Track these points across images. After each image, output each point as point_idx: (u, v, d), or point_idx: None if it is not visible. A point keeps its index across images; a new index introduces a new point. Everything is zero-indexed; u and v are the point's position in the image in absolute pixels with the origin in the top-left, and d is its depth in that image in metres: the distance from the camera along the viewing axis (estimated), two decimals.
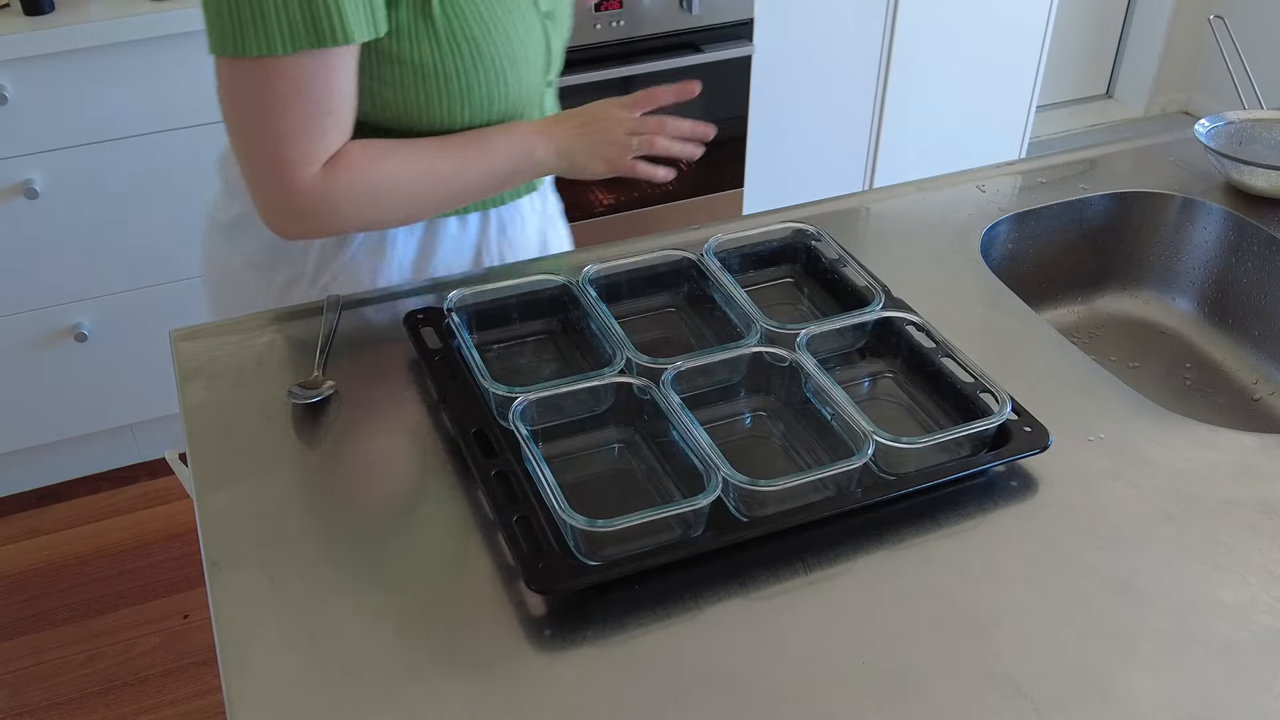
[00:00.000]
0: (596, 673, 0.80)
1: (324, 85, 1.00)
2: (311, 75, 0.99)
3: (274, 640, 0.82)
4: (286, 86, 0.99)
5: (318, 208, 1.05)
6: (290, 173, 1.02)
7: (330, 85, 1.01)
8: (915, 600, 0.86)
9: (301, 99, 1.00)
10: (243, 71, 0.99)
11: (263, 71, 0.98)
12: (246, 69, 0.98)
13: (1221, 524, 0.93)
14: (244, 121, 1.02)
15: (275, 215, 1.06)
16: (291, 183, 1.03)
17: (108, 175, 2.01)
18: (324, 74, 1.00)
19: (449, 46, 1.06)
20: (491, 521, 0.91)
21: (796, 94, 2.56)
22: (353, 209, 1.07)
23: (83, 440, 2.30)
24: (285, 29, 0.96)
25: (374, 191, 1.07)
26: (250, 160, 1.04)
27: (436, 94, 1.08)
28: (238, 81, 1.00)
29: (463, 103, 1.09)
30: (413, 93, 1.07)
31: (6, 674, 1.97)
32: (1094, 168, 1.42)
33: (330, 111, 1.02)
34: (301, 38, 0.96)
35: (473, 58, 1.07)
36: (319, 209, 1.05)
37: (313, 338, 1.11)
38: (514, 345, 1.13)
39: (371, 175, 1.06)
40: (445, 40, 1.05)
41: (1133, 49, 3.73)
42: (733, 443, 1.01)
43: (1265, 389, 1.29)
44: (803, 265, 1.22)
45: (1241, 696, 0.79)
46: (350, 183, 1.05)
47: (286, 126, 1.00)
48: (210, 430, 1.01)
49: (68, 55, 1.88)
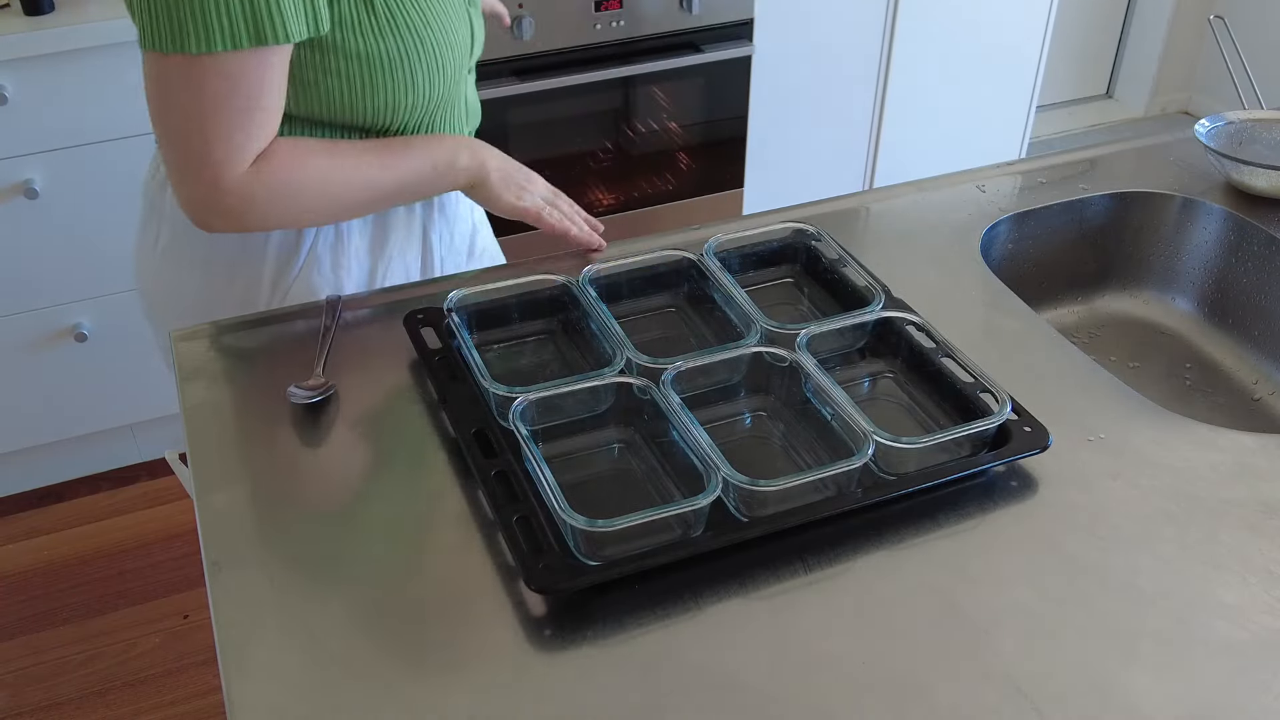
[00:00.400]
0: (596, 673, 0.80)
1: (258, 83, 1.00)
2: (247, 73, 0.99)
3: (274, 640, 0.82)
4: (221, 84, 0.99)
5: (242, 205, 1.05)
6: (217, 170, 1.02)
7: (264, 83, 1.00)
8: (915, 600, 0.86)
9: (234, 96, 0.99)
10: (177, 68, 0.98)
11: (199, 69, 0.98)
12: (181, 65, 0.98)
13: (1221, 524, 0.93)
14: (174, 118, 1.01)
15: (199, 210, 1.06)
16: (218, 180, 1.02)
17: (108, 175, 2.01)
18: (259, 72, 1.00)
19: (391, 35, 1.07)
20: (491, 521, 0.91)
21: (796, 94, 2.56)
22: (276, 207, 1.07)
23: (83, 440, 2.30)
24: (226, 26, 0.96)
25: (299, 191, 1.07)
26: (177, 156, 1.03)
27: (381, 83, 1.08)
28: (171, 78, 0.99)
29: (405, 90, 1.10)
30: (357, 82, 1.08)
31: (6, 674, 1.97)
32: (1094, 168, 1.42)
33: (261, 109, 1.02)
34: (242, 36, 0.96)
35: (415, 45, 1.08)
36: (243, 206, 1.05)
37: (313, 338, 1.11)
38: (514, 345, 1.13)
39: (297, 174, 1.06)
40: (388, 29, 1.06)
41: (1133, 49, 3.73)
42: (733, 443, 1.01)
43: (1265, 389, 1.29)
44: (803, 265, 1.22)
45: (1241, 696, 0.79)
46: (276, 182, 1.05)
47: (217, 125, 1.00)
48: (210, 430, 1.01)
49: (68, 55, 1.88)
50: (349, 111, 1.10)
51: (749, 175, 2.59)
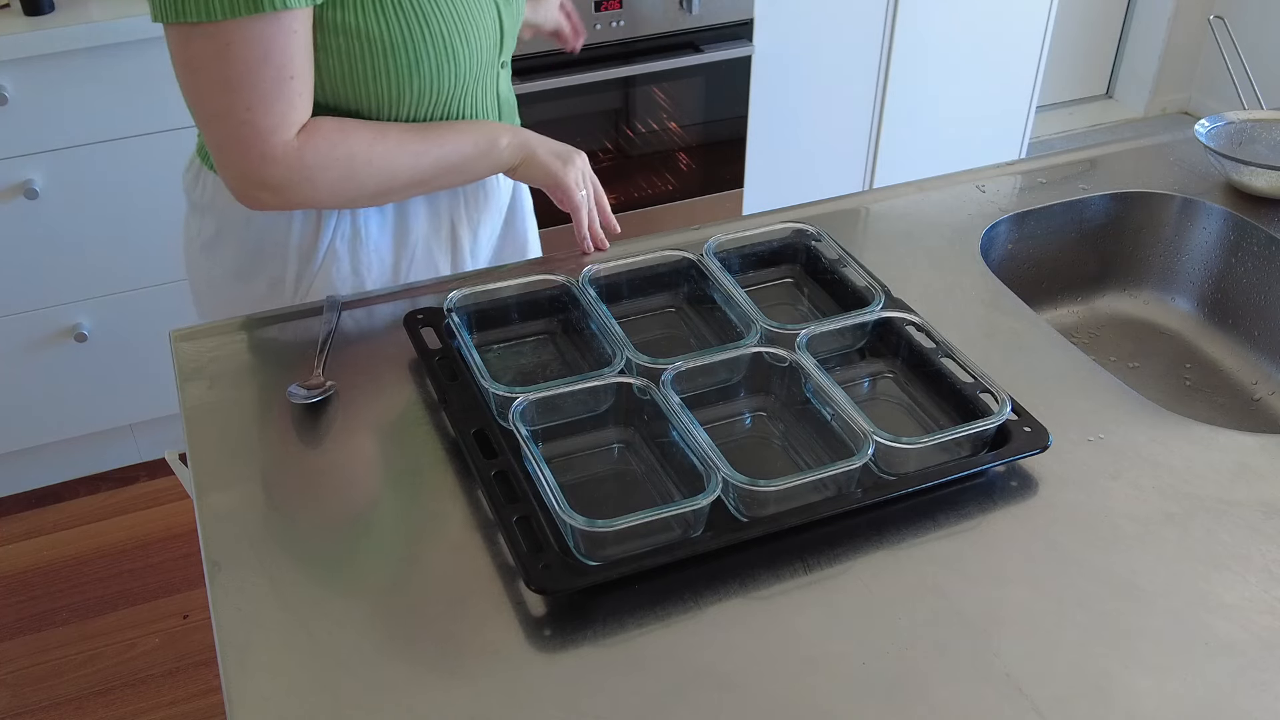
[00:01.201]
0: (596, 673, 0.80)
1: (283, 49, 0.99)
2: (269, 40, 0.98)
3: (274, 640, 0.82)
4: (247, 53, 0.98)
5: (292, 177, 1.04)
6: (265, 141, 1.01)
7: (289, 49, 1.00)
8: (915, 600, 0.86)
9: (264, 65, 0.99)
10: (198, 40, 0.98)
11: (223, 39, 0.97)
12: (201, 37, 0.97)
13: (1221, 524, 0.93)
14: (208, 94, 1.01)
15: (247, 184, 1.05)
16: (266, 150, 1.02)
17: (108, 175, 2.01)
18: (281, 37, 0.99)
19: (394, 14, 1.05)
20: (491, 521, 0.91)
21: (796, 94, 2.56)
22: (323, 178, 1.06)
23: (83, 440, 2.30)
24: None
25: (349, 162, 1.06)
26: (219, 132, 1.02)
27: (383, 65, 1.07)
28: (195, 51, 0.99)
29: (410, 75, 1.09)
30: (359, 64, 1.06)
31: (6, 674, 1.97)
32: (1094, 168, 1.42)
33: (294, 76, 1.01)
34: (240, 3, 0.95)
35: (420, 29, 1.07)
36: (294, 178, 1.04)
37: (313, 338, 1.11)
38: (514, 345, 1.13)
39: (341, 147, 1.06)
40: (390, 8, 1.05)
41: (1133, 49, 3.73)
42: (733, 443, 1.01)
43: (1265, 389, 1.29)
44: (803, 265, 1.22)
45: (1241, 696, 0.79)
46: (322, 153, 1.04)
47: (254, 95, 0.99)
48: (210, 430, 1.01)
49: (68, 55, 1.88)
50: (354, 96, 1.08)
51: (749, 175, 2.59)
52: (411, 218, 1.22)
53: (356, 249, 1.20)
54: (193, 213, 1.25)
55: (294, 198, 1.07)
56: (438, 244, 1.26)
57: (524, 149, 1.17)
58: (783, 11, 2.42)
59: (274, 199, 1.07)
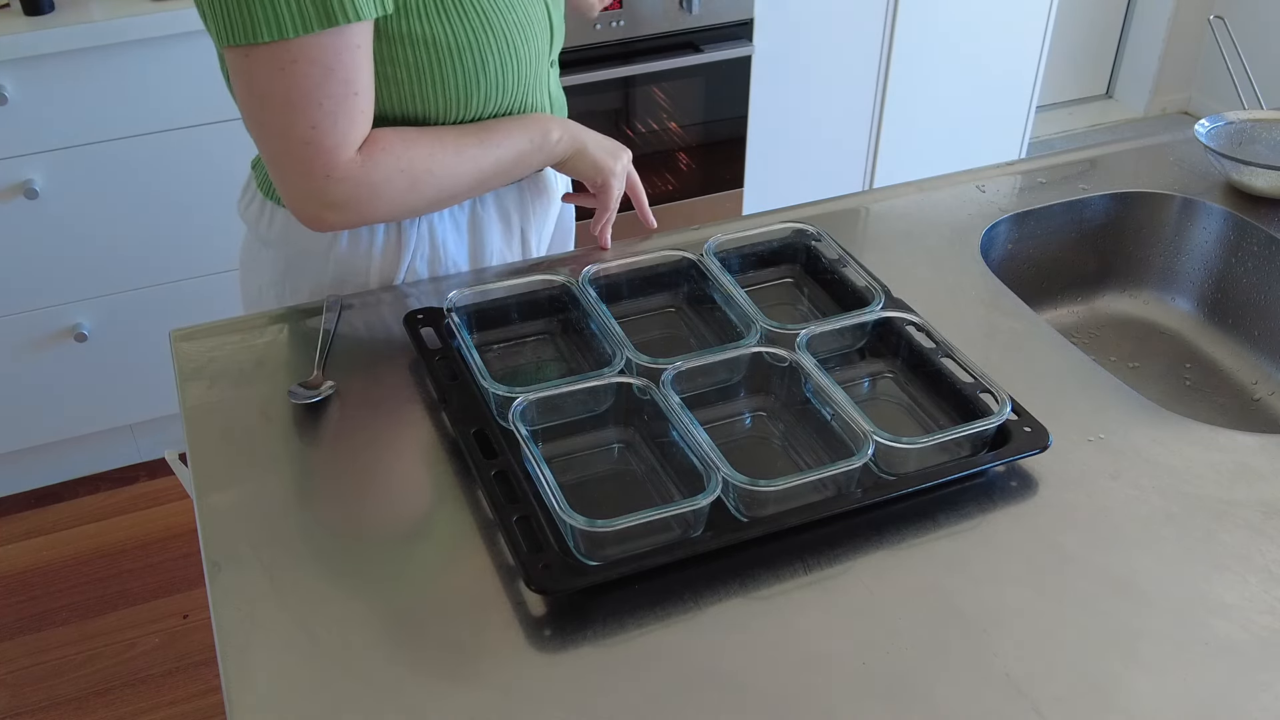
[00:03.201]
0: (596, 673, 0.80)
1: (350, 65, 0.98)
2: (337, 54, 0.97)
3: (274, 640, 0.82)
4: (311, 69, 0.97)
5: (358, 194, 1.03)
6: (329, 159, 1.00)
7: (353, 64, 0.99)
8: (915, 600, 0.86)
9: (328, 82, 0.98)
10: (261, 60, 0.97)
11: (286, 57, 0.96)
12: (264, 57, 0.96)
13: (1221, 524, 0.93)
14: (270, 114, 0.99)
15: (313, 205, 1.04)
16: (331, 169, 1.01)
17: (108, 175, 2.01)
18: (345, 53, 0.98)
19: (458, 18, 1.05)
20: (491, 521, 0.91)
21: (796, 94, 2.56)
22: (388, 192, 1.05)
23: (83, 440, 2.30)
24: (295, 10, 0.94)
25: (411, 174, 1.06)
26: (282, 153, 1.01)
27: (451, 70, 1.06)
28: (257, 72, 0.98)
29: (477, 78, 1.08)
30: (427, 72, 1.06)
31: (6, 674, 1.97)
32: (1094, 168, 1.42)
33: (358, 92, 1.00)
34: (311, 18, 0.95)
35: (484, 29, 1.06)
36: (360, 195, 1.03)
37: (313, 338, 1.11)
38: (514, 345, 1.13)
39: (404, 158, 1.05)
40: (454, 12, 1.04)
41: (1133, 49, 3.73)
42: (733, 443, 1.01)
43: (1265, 389, 1.29)
44: (803, 265, 1.22)
45: (1241, 696, 0.79)
46: (386, 167, 1.04)
47: (319, 113, 0.98)
48: (210, 430, 1.01)
49: (68, 55, 1.88)
50: (422, 102, 1.08)
51: (749, 175, 2.59)
52: (486, 230, 1.22)
53: (436, 268, 1.21)
54: (261, 248, 1.22)
55: (360, 215, 1.06)
56: (509, 249, 1.26)
57: (575, 141, 1.17)
58: (783, 11, 2.42)
59: (339, 218, 1.06)
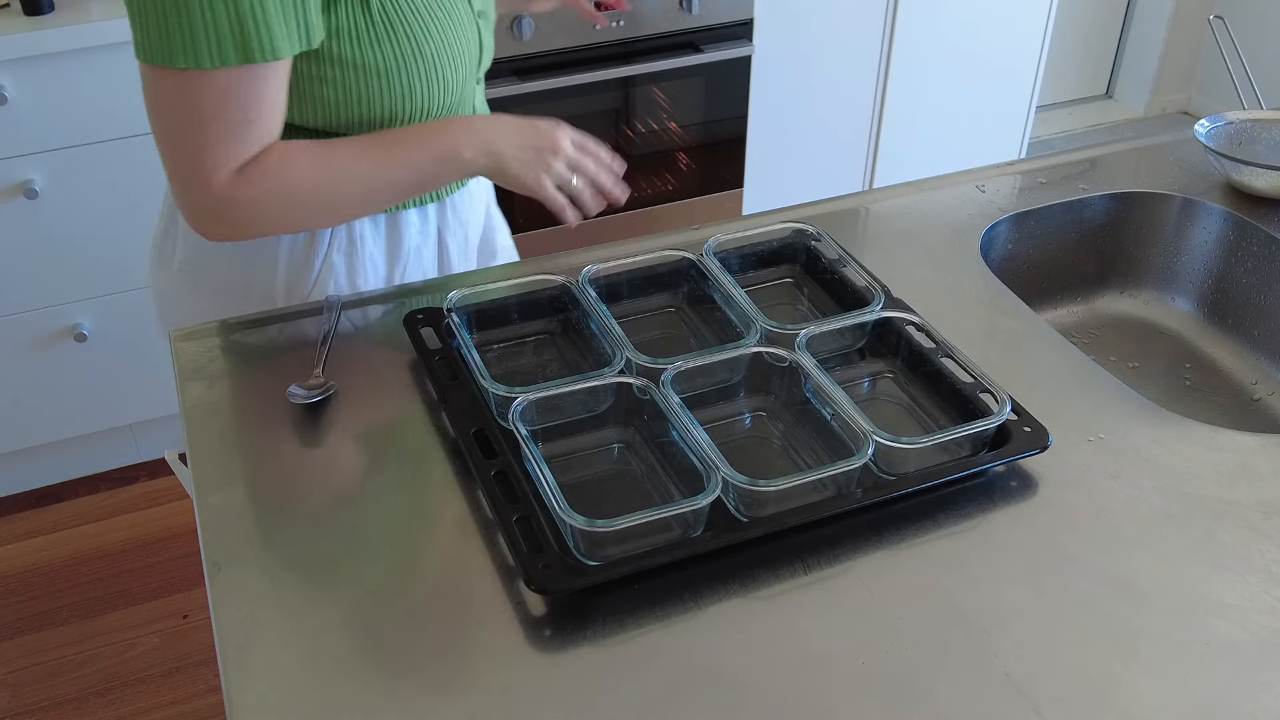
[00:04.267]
0: (596, 673, 0.80)
1: (249, 96, 1.00)
2: (240, 88, 0.99)
3: (274, 640, 0.82)
4: (212, 97, 0.99)
5: (233, 212, 1.05)
6: (206, 177, 1.02)
7: (255, 96, 1.00)
8: (915, 600, 0.86)
9: (225, 109, 0.99)
10: (169, 80, 0.98)
11: (192, 84, 0.98)
12: (173, 78, 0.98)
13: (1221, 524, 0.93)
14: (168, 128, 1.02)
15: (198, 219, 1.07)
16: (208, 187, 1.03)
17: (108, 175, 2.01)
18: (250, 86, 0.99)
19: (389, 44, 1.06)
20: (491, 521, 0.91)
21: (796, 94, 2.56)
22: (269, 210, 1.06)
23: (83, 440, 2.30)
24: (214, 43, 0.95)
25: (288, 195, 1.06)
26: (171, 163, 1.04)
27: (378, 93, 1.08)
28: (163, 89, 1.00)
29: (404, 100, 1.09)
30: (354, 93, 1.07)
31: (6, 674, 1.97)
32: (1094, 168, 1.42)
33: (253, 120, 1.01)
34: (229, 54, 0.96)
35: (413, 55, 1.07)
36: (235, 213, 1.05)
37: (313, 338, 1.11)
38: (514, 345, 1.13)
39: (287, 176, 1.05)
40: (385, 38, 1.06)
41: (1133, 49, 3.73)
42: (733, 443, 1.01)
43: (1265, 389, 1.29)
44: (803, 265, 1.22)
45: (1241, 696, 0.79)
46: (265, 185, 1.04)
47: (207, 136, 1.00)
48: (210, 430, 1.01)
49: (68, 55, 1.88)
50: (346, 121, 1.10)
51: (749, 175, 2.59)
52: (404, 226, 1.23)
53: (353, 259, 1.21)
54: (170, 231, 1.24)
55: (242, 229, 1.08)
56: (428, 251, 1.26)
57: (493, 158, 1.10)
58: (783, 11, 2.42)
59: (224, 230, 1.08)
